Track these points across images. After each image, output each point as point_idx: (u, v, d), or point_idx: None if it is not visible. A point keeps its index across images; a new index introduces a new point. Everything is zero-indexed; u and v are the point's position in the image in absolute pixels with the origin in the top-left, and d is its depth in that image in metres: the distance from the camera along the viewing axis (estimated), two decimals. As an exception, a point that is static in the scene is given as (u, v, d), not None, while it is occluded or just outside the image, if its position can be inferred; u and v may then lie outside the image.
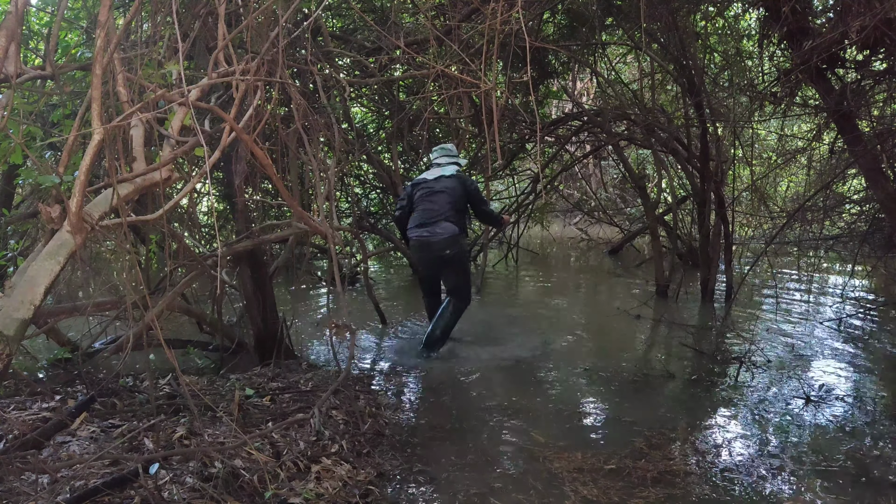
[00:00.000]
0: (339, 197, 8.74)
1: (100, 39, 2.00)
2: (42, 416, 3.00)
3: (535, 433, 3.43)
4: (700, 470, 3.03)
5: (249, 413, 3.24)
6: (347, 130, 6.66)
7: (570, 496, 2.75)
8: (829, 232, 6.57)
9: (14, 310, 1.92)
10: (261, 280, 4.35)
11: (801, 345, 5.10)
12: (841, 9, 3.99)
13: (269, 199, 6.20)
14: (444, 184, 4.85)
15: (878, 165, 4.48)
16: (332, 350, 4.44)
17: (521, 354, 4.87)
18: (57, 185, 2.12)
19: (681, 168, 7.63)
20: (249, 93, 2.54)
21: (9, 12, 2.15)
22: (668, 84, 7.80)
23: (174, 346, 4.39)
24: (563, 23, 6.96)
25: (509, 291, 7.81)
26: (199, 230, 5.65)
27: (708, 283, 6.78)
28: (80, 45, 4.71)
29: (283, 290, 7.36)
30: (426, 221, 4.76)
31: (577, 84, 11.04)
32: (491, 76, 3.75)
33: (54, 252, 2.01)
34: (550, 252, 10.97)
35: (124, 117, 2.02)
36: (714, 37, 6.76)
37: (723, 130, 6.68)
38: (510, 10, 3.10)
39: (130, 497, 2.29)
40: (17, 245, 4.78)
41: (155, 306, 3.41)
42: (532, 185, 9.12)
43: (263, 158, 2.49)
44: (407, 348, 5.07)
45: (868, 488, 2.87)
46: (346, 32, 6.37)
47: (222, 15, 2.56)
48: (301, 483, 2.59)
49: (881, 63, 4.55)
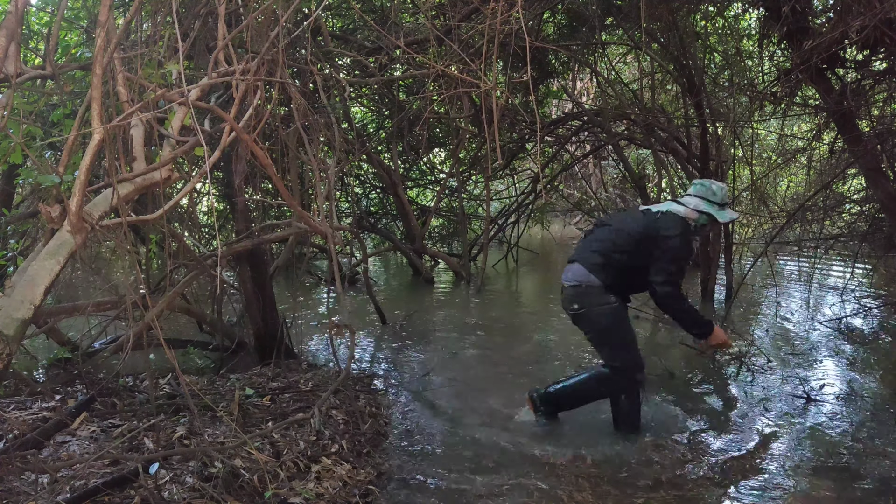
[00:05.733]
0: (339, 197, 8.74)
1: (100, 39, 2.00)
2: (42, 416, 3.00)
3: (535, 434, 3.42)
4: (700, 470, 3.02)
5: (249, 413, 3.24)
6: (347, 130, 6.66)
7: (570, 498, 2.75)
8: (829, 232, 6.57)
9: (14, 309, 1.92)
10: (261, 280, 4.35)
11: (801, 344, 5.10)
12: (841, 9, 3.98)
13: (269, 199, 6.20)
14: (627, 217, 3.57)
15: (878, 165, 4.48)
16: (332, 350, 4.44)
17: (520, 354, 4.87)
18: (57, 184, 2.12)
19: (681, 168, 7.63)
20: (249, 93, 2.54)
21: (9, 12, 2.15)
22: (668, 84, 7.80)
23: (174, 346, 4.38)
24: (563, 23, 6.96)
25: (509, 291, 7.81)
26: (199, 230, 5.66)
27: (708, 283, 6.77)
28: (80, 44, 4.72)
29: (283, 290, 7.36)
30: (571, 258, 3.47)
31: (577, 84, 11.03)
32: (491, 76, 3.75)
33: (54, 252, 2.01)
34: (550, 252, 10.97)
35: (124, 117, 2.02)
36: (714, 37, 6.75)
37: (723, 130, 6.67)
38: (510, 10, 3.10)
39: (130, 497, 2.29)
40: (17, 245, 4.78)
41: (155, 306, 3.41)
42: (532, 185, 9.12)
43: (263, 158, 2.49)
44: (407, 348, 5.07)
45: (869, 488, 2.86)
46: (346, 32, 6.37)
47: (222, 15, 2.57)
48: (301, 483, 2.59)
49: (881, 63, 4.55)
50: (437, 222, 10.16)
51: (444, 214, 9.77)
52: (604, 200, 11.70)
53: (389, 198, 8.77)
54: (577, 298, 3.33)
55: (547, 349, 5.10)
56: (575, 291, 3.33)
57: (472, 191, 10.52)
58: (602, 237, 3.40)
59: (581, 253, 3.41)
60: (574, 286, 3.33)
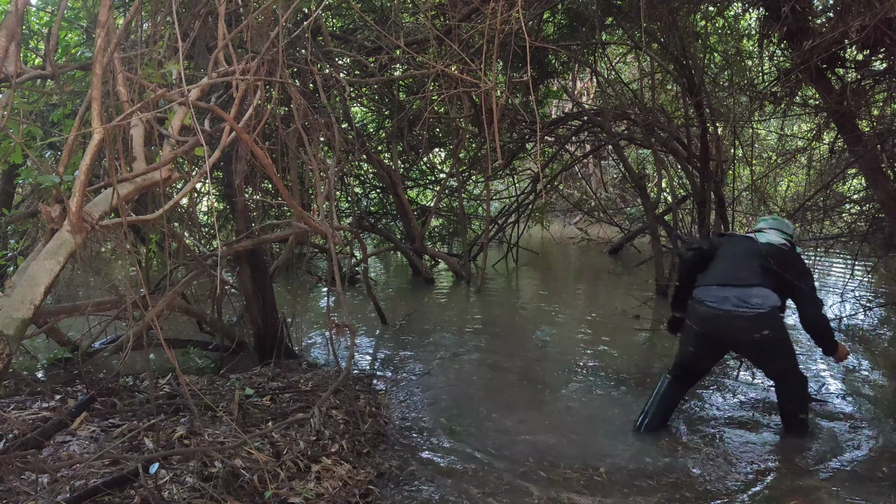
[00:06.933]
0: (339, 197, 8.74)
1: (100, 39, 2.00)
2: (42, 416, 3.00)
3: (535, 433, 3.43)
4: (701, 470, 3.03)
5: (249, 413, 3.24)
6: (347, 130, 6.66)
7: (570, 497, 2.75)
8: (829, 232, 6.57)
9: (14, 309, 1.92)
10: (261, 280, 4.36)
11: (801, 344, 5.10)
12: (841, 9, 3.98)
13: (269, 199, 6.20)
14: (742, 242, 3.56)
15: (878, 165, 4.47)
16: (332, 350, 4.44)
17: (520, 354, 4.87)
18: (57, 184, 2.12)
19: (681, 168, 7.63)
20: (249, 92, 2.54)
21: (9, 12, 2.15)
22: (668, 84, 7.80)
23: (174, 346, 4.39)
24: (563, 22, 6.96)
25: (509, 291, 7.81)
26: (199, 230, 5.66)
27: (708, 283, 6.76)
28: (80, 44, 4.72)
29: (283, 290, 7.36)
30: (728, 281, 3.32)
31: (577, 84, 11.04)
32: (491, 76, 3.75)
33: (54, 252, 2.01)
34: (550, 252, 10.97)
35: (124, 117, 2.02)
36: (714, 37, 6.75)
37: (723, 130, 6.67)
38: (510, 10, 3.10)
39: (130, 497, 2.29)
40: (17, 245, 4.78)
41: (155, 306, 3.41)
42: (532, 185, 9.12)
43: (263, 158, 2.49)
44: (407, 348, 5.07)
45: (869, 487, 2.87)
46: (346, 32, 6.37)
47: (222, 15, 2.57)
48: (301, 483, 2.59)
49: (881, 63, 4.55)
50: (437, 222, 10.16)
51: (444, 214, 9.77)
52: (604, 200, 11.71)
53: (389, 198, 8.76)
54: (767, 323, 3.17)
55: (547, 349, 5.10)
56: (762, 318, 3.16)
57: (472, 191, 10.52)
58: (744, 259, 3.38)
59: (749, 274, 3.29)
60: (762, 313, 3.15)
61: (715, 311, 3.22)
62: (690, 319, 3.39)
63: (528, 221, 9.88)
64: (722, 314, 3.20)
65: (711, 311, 3.24)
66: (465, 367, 4.55)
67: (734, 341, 3.33)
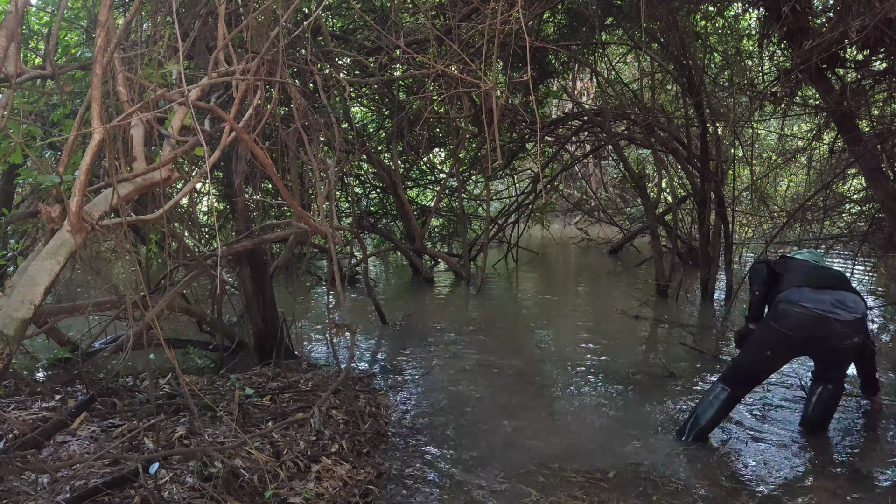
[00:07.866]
0: (339, 197, 8.74)
1: (100, 39, 2.00)
2: (42, 416, 3.00)
3: (534, 434, 3.43)
4: (701, 470, 3.02)
5: (249, 413, 3.24)
6: (347, 130, 6.66)
7: (569, 499, 2.75)
8: (830, 232, 6.57)
9: (14, 309, 1.92)
10: (261, 280, 4.36)
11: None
12: (841, 9, 3.98)
13: (269, 199, 6.20)
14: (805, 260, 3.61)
15: (878, 165, 4.48)
16: (332, 350, 4.44)
17: (520, 354, 4.87)
18: (57, 184, 2.12)
19: (681, 168, 7.63)
20: (249, 92, 2.54)
21: (9, 12, 2.15)
22: (668, 84, 7.81)
23: (174, 346, 4.39)
24: (563, 23, 6.96)
25: (509, 292, 7.81)
26: (199, 230, 5.66)
27: (708, 283, 6.77)
28: (80, 44, 4.72)
29: (283, 290, 7.36)
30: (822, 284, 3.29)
31: (577, 84, 11.05)
32: (491, 76, 3.76)
33: (54, 252, 2.00)
34: (550, 252, 10.97)
35: (124, 117, 2.02)
36: (714, 37, 6.75)
37: (723, 130, 6.68)
38: (510, 10, 3.10)
39: (130, 497, 2.29)
40: (17, 245, 4.78)
41: (155, 306, 3.41)
42: (532, 185, 9.13)
43: (263, 158, 2.49)
44: (407, 348, 5.07)
45: (870, 487, 2.87)
46: (346, 32, 6.37)
47: (222, 15, 2.56)
48: (301, 483, 2.59)
49: (881, 63, 4.55)
50: (437, 222, 10.16)
51: (444, 214, 9.77)
52: (604, 200, 11.71)
53: (389, 198, 8.77)
54: (860, 329, 3.17)
55: (546, 349, 5.10)
56: (858, 322, 3.15)
57: (472, 191, 10.53)
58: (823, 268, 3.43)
59: (837, 280, 3.32)
60: (858, 318, 3.14)
61: (810, 313, 3.13)
62: (778, 322, 3.23)
63: (528, 221, 9.88)
64: (818, 316, 3.11)
65: (807, 313, 3.13)
66: (465, 368, 4.55)
67: (825, 346, 3.22)
